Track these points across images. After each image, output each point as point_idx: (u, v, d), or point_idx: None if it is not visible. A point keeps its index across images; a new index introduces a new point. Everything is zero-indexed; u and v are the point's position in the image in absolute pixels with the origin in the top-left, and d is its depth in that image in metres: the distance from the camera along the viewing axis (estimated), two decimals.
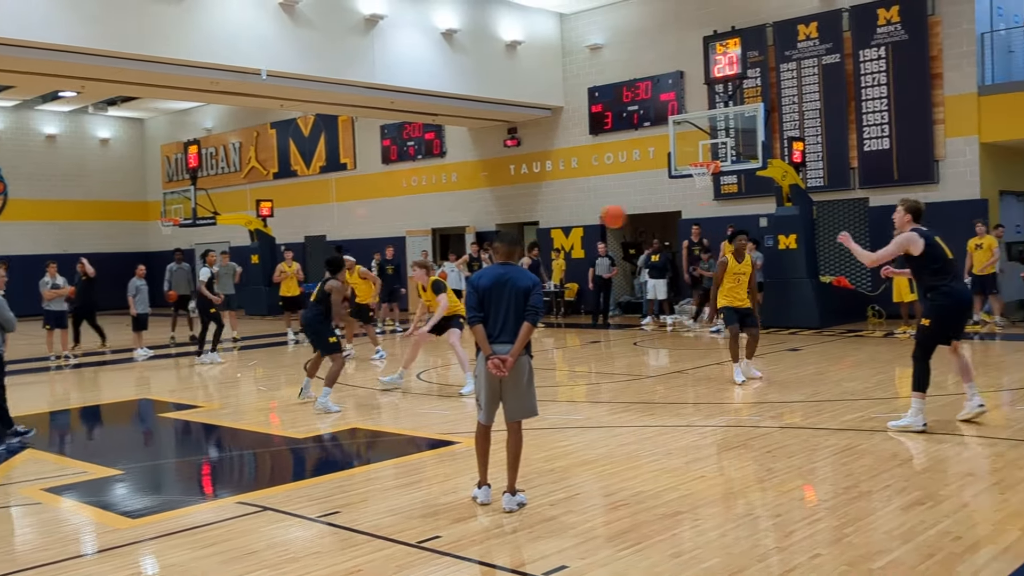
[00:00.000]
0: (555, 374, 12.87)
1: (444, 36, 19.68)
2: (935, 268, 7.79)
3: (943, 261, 7.80)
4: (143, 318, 16.61)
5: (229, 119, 31.31)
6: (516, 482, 6.02)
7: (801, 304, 16.62)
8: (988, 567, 4.62)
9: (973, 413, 8.04)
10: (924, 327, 7.95)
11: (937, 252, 7.79)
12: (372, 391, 11.62)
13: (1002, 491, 6.00)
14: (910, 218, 7.98)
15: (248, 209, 28.21)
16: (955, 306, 7.85)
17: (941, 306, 7.82)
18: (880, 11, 17.31)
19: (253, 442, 8.99)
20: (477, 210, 24.23)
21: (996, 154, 17.05)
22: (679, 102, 20.06)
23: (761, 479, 6.54)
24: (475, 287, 6.00)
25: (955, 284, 7.89)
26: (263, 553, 5.30)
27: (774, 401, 9.76)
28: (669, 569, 4.78)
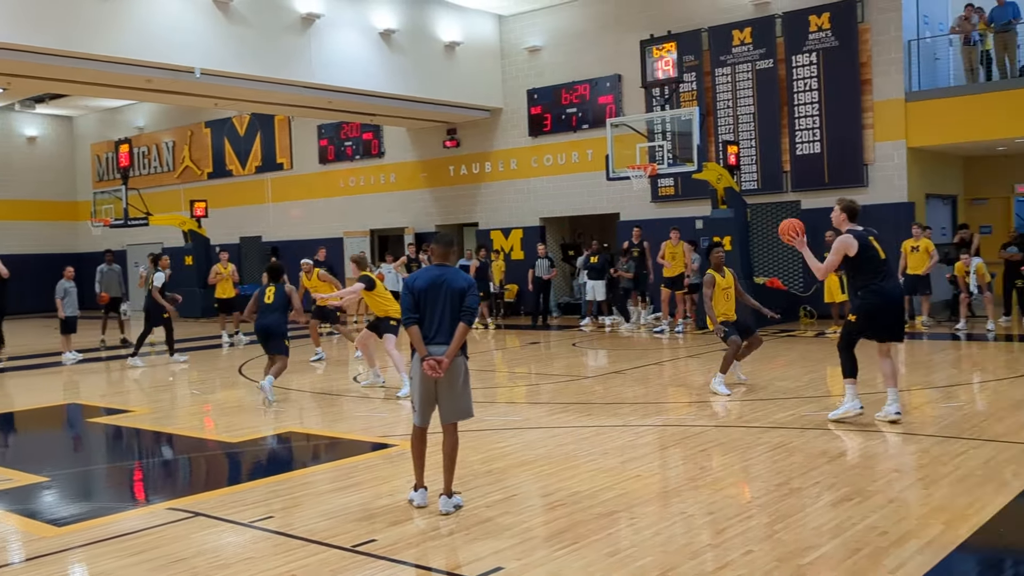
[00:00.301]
0: (494, 375, 12.88)
1: (382, 36, 19.56)
2: (867, 268, 8.02)
3: (876, 261, 8.02)
4: (71, 321, 16.19)
5: (162, 117, 30.69)
6: (452, 484, 6.01)
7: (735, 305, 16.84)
8: (913, 560, 4.74)
9: (888, 418, 8.18)
10: (850, 322, 8.25)
11: (870, 253, 8.02)
12: (309, 394, 11.49)
13: (926, 486, 6.17)
14: (845, 217, 8.21)
15: (182, 209, 27.68)
16: (883, 304, 8.07)
17: (870, 304, 8.08)
18: (812, 18, 17.68)
19: (185, 447, 8.82)
20: (416, 211, 24.13)
21: (922, 158, 17.53)
22: (617, 105, 20.23)
23: (695, 477, 6.62)
24: (411, 289, 5.97)
25: (885, 283, 8.09)
26: (193, 560, 5.20)
27: (708, 400, 9.89)
28: (604, 568, 4.81)
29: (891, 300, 8.16)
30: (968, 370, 11.45)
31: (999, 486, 6.05)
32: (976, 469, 6.49)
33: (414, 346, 5.93)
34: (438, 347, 5.87)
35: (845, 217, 8.21)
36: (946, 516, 5.45)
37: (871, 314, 8.09)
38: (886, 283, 8.12)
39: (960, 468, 6.53)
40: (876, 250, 8.06)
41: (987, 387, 10.09)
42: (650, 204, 19.91)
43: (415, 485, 6.13)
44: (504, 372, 13.20)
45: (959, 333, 14.72)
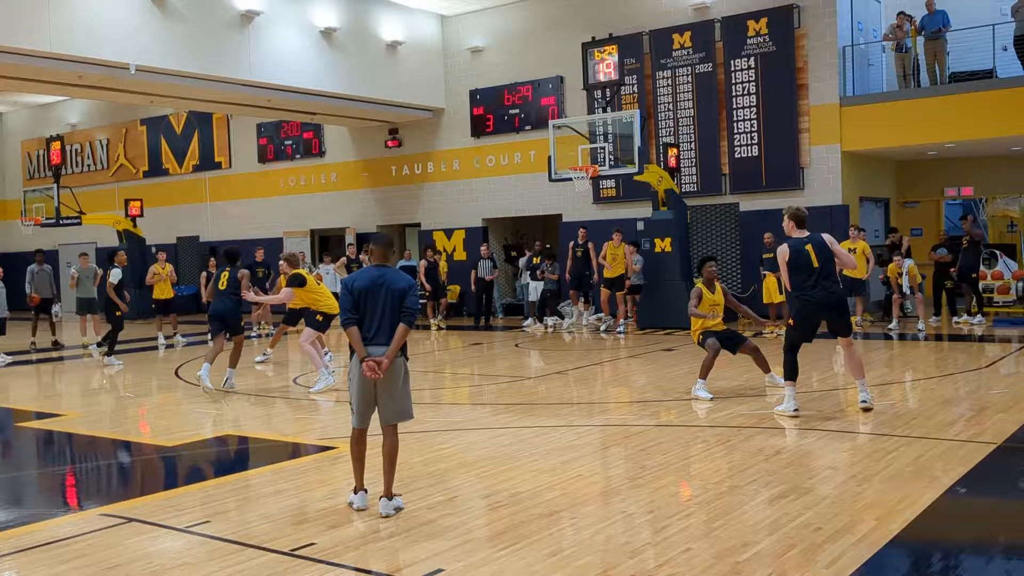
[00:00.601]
0: (437, 377, 12.84)
1: (323, 34, 19.38)
2: (799, 275, 8.42)
3: (807, 269, 8.36)
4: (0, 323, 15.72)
5: (96, 114, 29.99)
6: (393, 486, 5.97)
7: (675, 305, 17.00)
8: (846, 555, 4.85)
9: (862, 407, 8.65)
10: (788, 326, 8.79)
11: (800, 260, 8.37)
12: (248, 396, 11.33)
13: (859, 483, 6.31)
14: (793, 224, 8.57)
15: (116, 209, 27.05)
16: (810, 309, 8.49)
17: (798, 309, 8.61)
18: (750, 23, 17.97)
19: (120, 451, 8.63)
20: (357, 211, 23.95)
21: (856, 162, 17.93)
22: (559, 106, 20.32)
23: (636, 476, 6.68)
24: (350, 289, 5.92)
25: (813, 291, 8.41)
26: (127, 567, 5.09)
27: (649, 400, 9.99)
28: (545, 568, 4.82)
29: (816, 304, 8.47)
30: (900, 369, 11.73)
31: (929, 482, 6.21)
32: (907, 466, 6.65)
33: (353, 347, 5.88)
34: (377, 348, 5.83)
35: (793, 225, 8.57)
36: (878, 512, 5.58)
37: (802, 318, 8.58)
38: (815, 291, 8.41)
39: (892, 465, 6.68)
40: (809, 258, 8.37)
41: (918, 386, 10.35)
42: (592, 205, 20.04)
43: (355, 488, 6.08)
44: (446, 373, 13.16)
45: (891, 333, 15.08)
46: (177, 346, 17.46)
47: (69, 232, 27.07)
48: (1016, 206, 19.30)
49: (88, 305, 17.75)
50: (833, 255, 8.50)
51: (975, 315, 16.01)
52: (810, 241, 8.44)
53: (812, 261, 8.36)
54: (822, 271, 8.43)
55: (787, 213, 8.63)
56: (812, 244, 8.43)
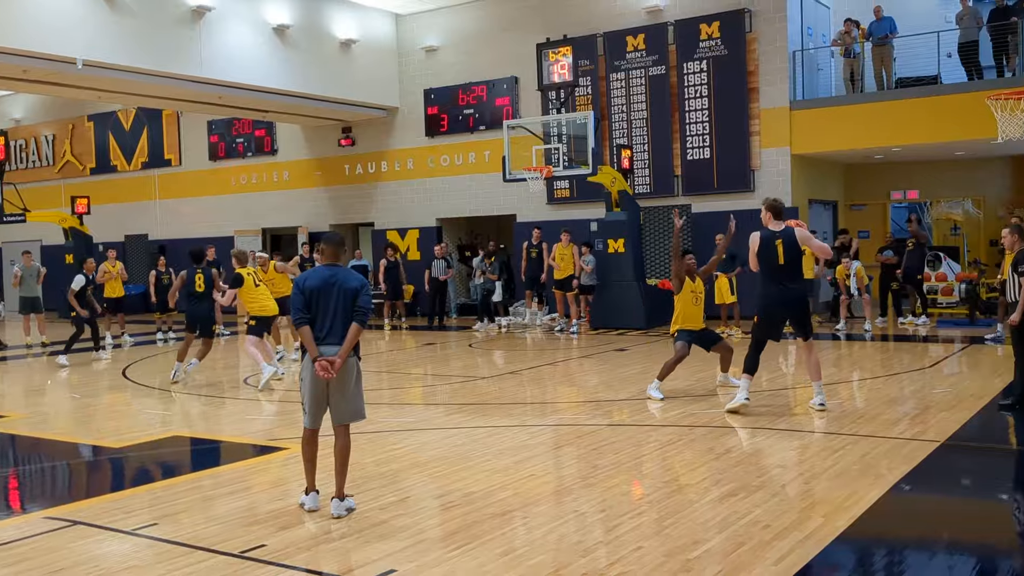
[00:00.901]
0: (390, 377, 12.78)
1: (276, 31, 19.18)
2: (763, 269, 8.59)
3: (770, 264, 8.51)
4: None
5: (42, 110, 29.34)
6: (345, 487, 5.93)
7: (628, 306, 17.19)
8: (794, 552, 4.92)
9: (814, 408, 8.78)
10: (754, 323, 8.95)
11: (767, 254, 8.52)
12: (197, 396, 11.17)
13: (806, 481, 6.41)
14: (770, 216, 8.68)
15: (62, 206, 26.49)
16: (767, 306, 8.67)
17: (759, 306, 8.82)
18: (702, 26, 18.15)
19: (65, 452, 8.46)
20: (310, 210, 23.74)
21: (805, 165, 18.21)
22: (514, 107, 20.35)
23: (588, 476, 6.71)
24: (302, 289, 5.87)
25: (772, 287, 8.56)
26: (72, 570, 4.99)
27: (602, 400, 10.05)
28: (498, 567, 4.83)
29: (774, 302, 8.62)
30: (847, 369, 11.94)
31: (875, 479, 6.33)
32: (853, 463, 6.77)
33: (305, 347, 5.83)
34: (330, 347, 5.79)
35: (770, 216, 8.69)
36: (825, 509, 5.67)
37: (766, 315, 8.76)
38: (773, 287, 8.55)
39: (839, 463, 6.80)
40: (775, 252, 8.48)
41: (864, 385, 10.54)
42: (546, 206, 20.09)
43: (306, 489, 6.03)
44: (400, 373, 13.10)
45: (839, 333, 15.34)
46: (124, 346, 17.17)
47: (13, 230, 26.46)
48: (960, 209, 19.74)
49: (31, 304, 17.40)
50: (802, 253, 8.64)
51: (919, 316, 16.34)
52: (782, 236, 8.54)
53: (778, 256, 8.49)
54: (786, 268, 8.55)
55: (764, 204, 8.77)
56: (783, 239, 8.52)
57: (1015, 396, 8.71)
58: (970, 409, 8.69)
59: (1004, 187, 19.41)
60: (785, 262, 8.51)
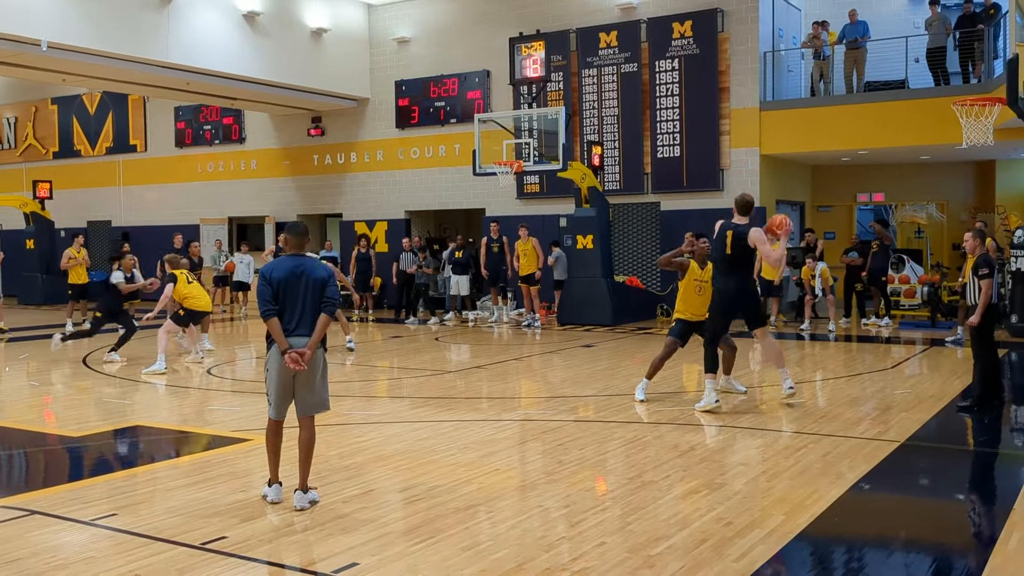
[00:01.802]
0: (355, 369, 12.71)
1: (246, 18, 18.97)
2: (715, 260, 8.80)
3: (719, 253, 8.67)
4: None
5: (3, 91, 28.77)
6: (308, 479, 5.89)
7: (596, 302, 17.22)
8: (755, 549, 4.96)
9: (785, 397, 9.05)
10: (708, 318, 9.02)
11: (717, 242, 8.70)
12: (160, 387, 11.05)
13: (769, 479, 6.47)
14: (735, 210, 8.91)
15: (24, 190, 26.07)
16: (722, 300, 8.81)
17: (713, 300, 8.95)
18: (675, 25, 18.22)
19: (22, 441, 8.31)
20: (278, 200, 23.53)
21: (774, 165, 18.35)
22: (485, 100, 20.30)
23: (553, 471, 6.72)
24: (268, 280, 5.80)
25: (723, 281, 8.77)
26: (27, 561, 4.91)
27: (568, 396, 10.06)
28: (460, 562, 4.82)
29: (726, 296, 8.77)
30: (810, 369, 12.06)
31: (835, 478, 6.40)
32: (815, 462, 6.84)
33: (274, 338, 5.77)
34: (299, 339, 5.75)
35: (735, 210, 8.92)
36: (787, 507, 5.72)
37: (720, 310, 8.89)
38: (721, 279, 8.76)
39: (800, 462, 6.87)
40: (724, 243, 8.68)
41: (827, 385, 10.65)
42: (516, 201, 20.08)
43: (269, 480, 5.98)
44: (365, 366, 13.04)
45: (803, 333, 15.48)
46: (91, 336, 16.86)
47: None
48: (924, 213, 20.01)
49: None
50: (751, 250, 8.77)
51: (883, 317, 16.55)
52: (733, 228, 8.70)
53: (725, 247, 8.69)
54: (730, 260, 8.70)
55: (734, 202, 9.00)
56: (733, 233, 8.66)
57: (974, 397, 8.85)
58: (930, 410, 8.82)
59: (967, 192, 19.71)
60: (731, 252, 8.68)
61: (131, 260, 13.89)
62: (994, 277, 8.81)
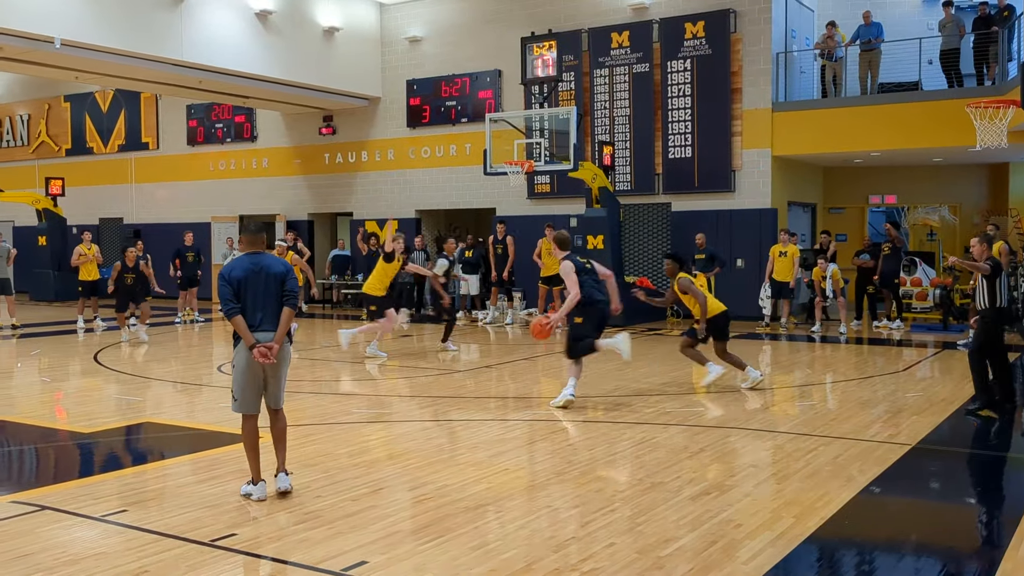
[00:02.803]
0: (365, 368, 12.72)
1: (258, 16, 19.01)
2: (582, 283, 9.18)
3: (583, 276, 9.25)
4: None
5: (17, 88, 28.94)
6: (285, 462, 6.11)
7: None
8: (764, 551, 4.94)
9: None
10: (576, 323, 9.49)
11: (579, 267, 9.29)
12: (170, 383, 11.08)
13: (779, 481, 6.44)
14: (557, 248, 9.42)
15: (36, 187, 26.21)
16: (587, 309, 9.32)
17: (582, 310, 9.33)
18: (687, 25, 18.18)
19: (33, 436, 8.35)
20: (289, 198, 23.59)
21: (785, 167, 18.29)
22: (496, 100, 20.29)
23: (562, 472, 6.71)
24: (228, 279, 5.93)
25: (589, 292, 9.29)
26: (38, 556, 4.93)
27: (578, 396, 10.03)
28: (469, 561, 4.81)
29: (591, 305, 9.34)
30: (821, 371, 12.01)
31: (846, 481, 6.37)
32: (825, 465, 6.81)
33: (240, 335, 5.90)
34: (265, 334, 5.91)
35: (556, 248, 9.44)
36: (797, 509, 5.70)
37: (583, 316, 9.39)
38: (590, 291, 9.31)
39: (811, 464, 6.84)
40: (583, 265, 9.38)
41: (837, 387, 10.61)
42: (526, 201, 20.07)
43: (252, 479, 6.04)
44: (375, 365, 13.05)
45: (815, 335, 15.43)
46: (97, 330, 16.97)
47: None
48: (936, 215, 19.90)
49: (1, 286, 17.17)
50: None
51: (894, 320, 16.47)
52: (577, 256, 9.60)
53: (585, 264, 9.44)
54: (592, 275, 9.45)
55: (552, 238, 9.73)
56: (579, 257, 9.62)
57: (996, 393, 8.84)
58: (941, 413, 8.77)
59: (980, 195, 19.61)
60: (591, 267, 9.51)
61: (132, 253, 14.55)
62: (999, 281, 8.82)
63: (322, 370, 12.37)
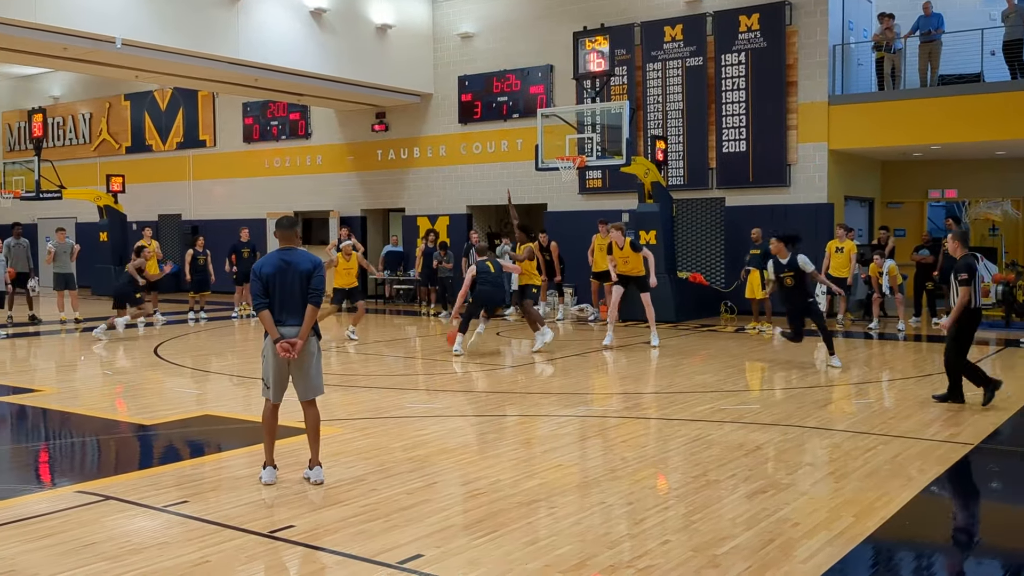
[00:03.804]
0: (417, 362, 12.81)
1: (313, 15, 19.22)
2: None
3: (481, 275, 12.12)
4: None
5: (79, 88, 29.66)
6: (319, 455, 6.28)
7: (658, 299, 16.99)
8: (822, 551, 4.87)
9: None
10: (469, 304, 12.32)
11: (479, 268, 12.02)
12: (228, 377, 11.27)
13: (837, 480, 6.34)
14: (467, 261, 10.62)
15: (97, 184, 26.81)
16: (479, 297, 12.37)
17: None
18: (742, 18, 17.96)
19: (96, 428, 8.56)
20: (342, 194, 23.83)
21: (842, 161, 17.99)
22: (548, 95, 20.27)
23: (615, 468, 6.68)
24: (258, 275, 6.14)
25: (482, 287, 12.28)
26: (102, 545, 5.05)
27: (630, 392, 10.00)
28: (523, 556, 4.82)
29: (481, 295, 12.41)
30: (879, 368, 11.81)
31: (905, 481, 6.25)
32: (884, 464, 6.69)
33: (266, 329, 6.10)
34: (290, 329, 6.09)
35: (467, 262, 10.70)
36: (855, 509, 5.61)
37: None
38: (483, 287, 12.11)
39: (869, 463, 6.73)
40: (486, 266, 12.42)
41: (895, 385, 10.42)
42: (578, 196, 20.02)
43: (264, 463, 6.29)
44: (428, 359, 13.13)
45: (872, 332, 15.16)
46: (157, 324, 17.33)
47: (48, 206, 26.84)
48: (998, 210, 19.43)
49: (65, 280, 17.60)
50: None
51: None
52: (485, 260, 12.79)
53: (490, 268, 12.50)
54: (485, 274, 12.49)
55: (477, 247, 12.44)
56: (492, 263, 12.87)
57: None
58: (1005, 412, 8.57)
59: None
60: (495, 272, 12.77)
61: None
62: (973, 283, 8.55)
63: (375, 365, 12.48)
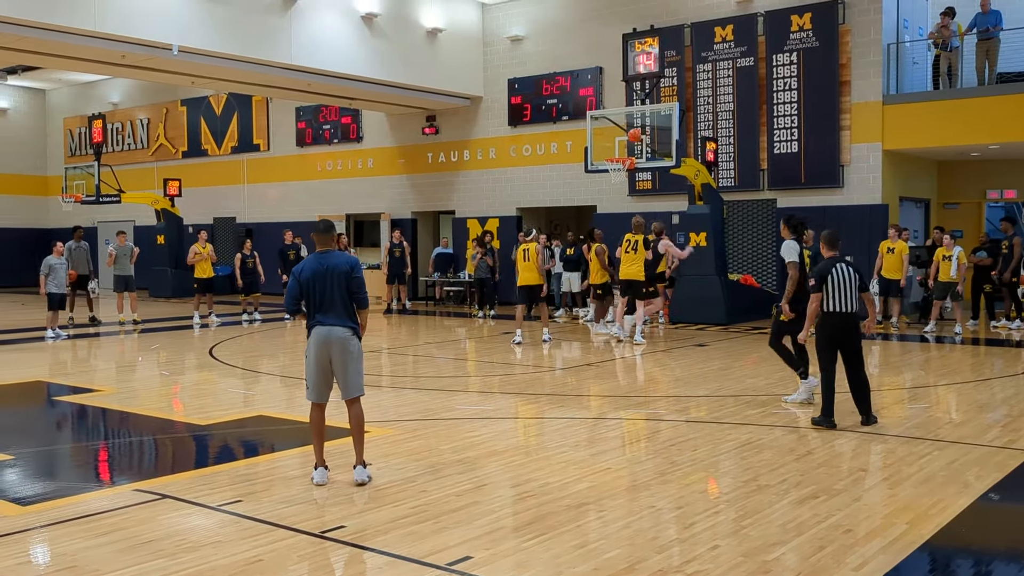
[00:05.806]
0: (466, 364, 12.87)
1: (364, 20, 19.42)
2: None
3: None
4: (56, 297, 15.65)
5: (137, 94, 30.32)
6: (364, 454, 6.41)
7: (709, 301, 16.96)
8: (875, 559, 4.80)
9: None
10: None
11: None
12: (279, 378, 11.44)
13: (891, 486, 6.25)
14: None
15: (155, 188, 27.40)
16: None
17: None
18: (793, 17, 17.75)
19: (153, 428, 8.75)
20: (393, 197, 24.04)
21: (897, 161, 17.69)
22: (597, 97, 20.23)
23: (665, 472, 6.66)
24: (298, 279, 6.37)
25: None
26: (160, 542, 5.17)
27: (680, 395, 9.95)
28: (572, 559, 4.83)
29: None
30: (935, 372, 11.58)
31: (962, 488, 6.14)
32: (940, 470, 6.58)
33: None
34: (332, 326, 6.29)
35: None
36: (910, 516, 5.52)
37: None
38: None
39: (924, 469, 6.61)
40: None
41: (952, 390, 10.21)
42: (627, 198, 19.95)
43: (315, 464, 6.41)
44: (477, 361, 13.20)
45: (928, 336, 14.88)
46: (212, 326, 17.65)
47: (108, 210, 27.50)
48: None
49: (125, 282, 18.01)
50: None
51: (1013, 320, 15.75)
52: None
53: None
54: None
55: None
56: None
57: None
58: None
59: None
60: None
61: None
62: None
63: (425, 366, 12.57)
